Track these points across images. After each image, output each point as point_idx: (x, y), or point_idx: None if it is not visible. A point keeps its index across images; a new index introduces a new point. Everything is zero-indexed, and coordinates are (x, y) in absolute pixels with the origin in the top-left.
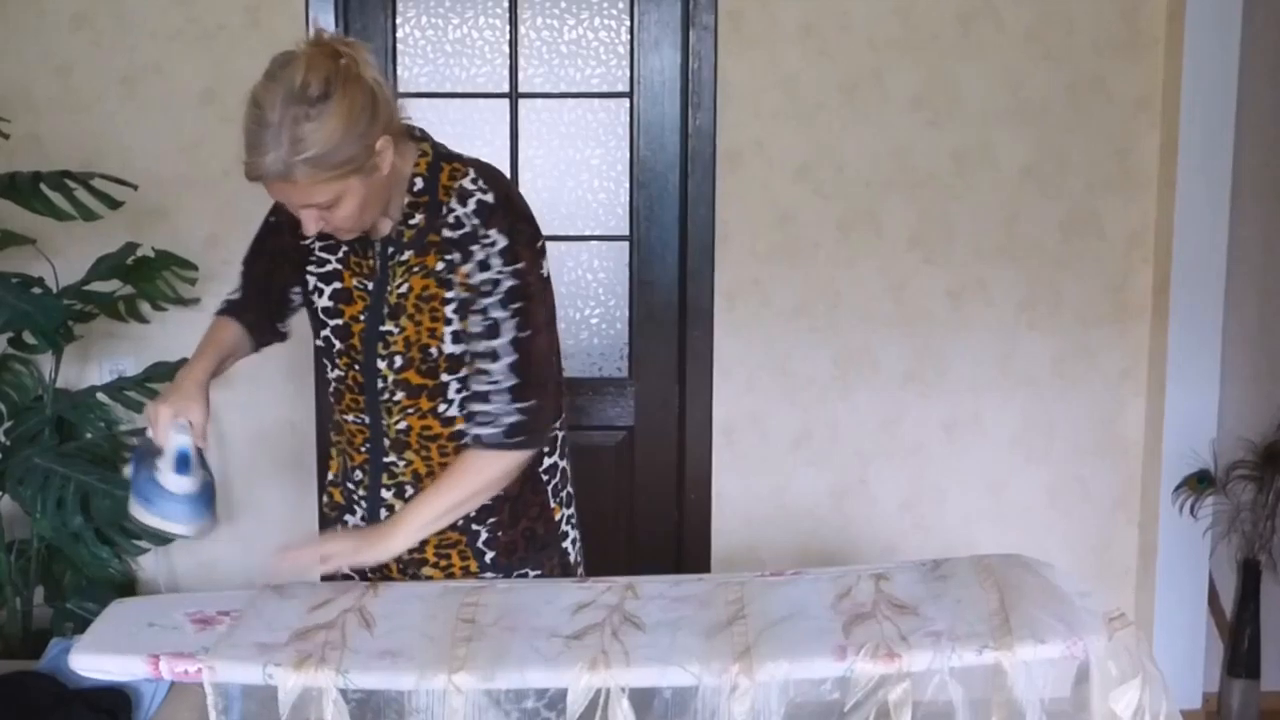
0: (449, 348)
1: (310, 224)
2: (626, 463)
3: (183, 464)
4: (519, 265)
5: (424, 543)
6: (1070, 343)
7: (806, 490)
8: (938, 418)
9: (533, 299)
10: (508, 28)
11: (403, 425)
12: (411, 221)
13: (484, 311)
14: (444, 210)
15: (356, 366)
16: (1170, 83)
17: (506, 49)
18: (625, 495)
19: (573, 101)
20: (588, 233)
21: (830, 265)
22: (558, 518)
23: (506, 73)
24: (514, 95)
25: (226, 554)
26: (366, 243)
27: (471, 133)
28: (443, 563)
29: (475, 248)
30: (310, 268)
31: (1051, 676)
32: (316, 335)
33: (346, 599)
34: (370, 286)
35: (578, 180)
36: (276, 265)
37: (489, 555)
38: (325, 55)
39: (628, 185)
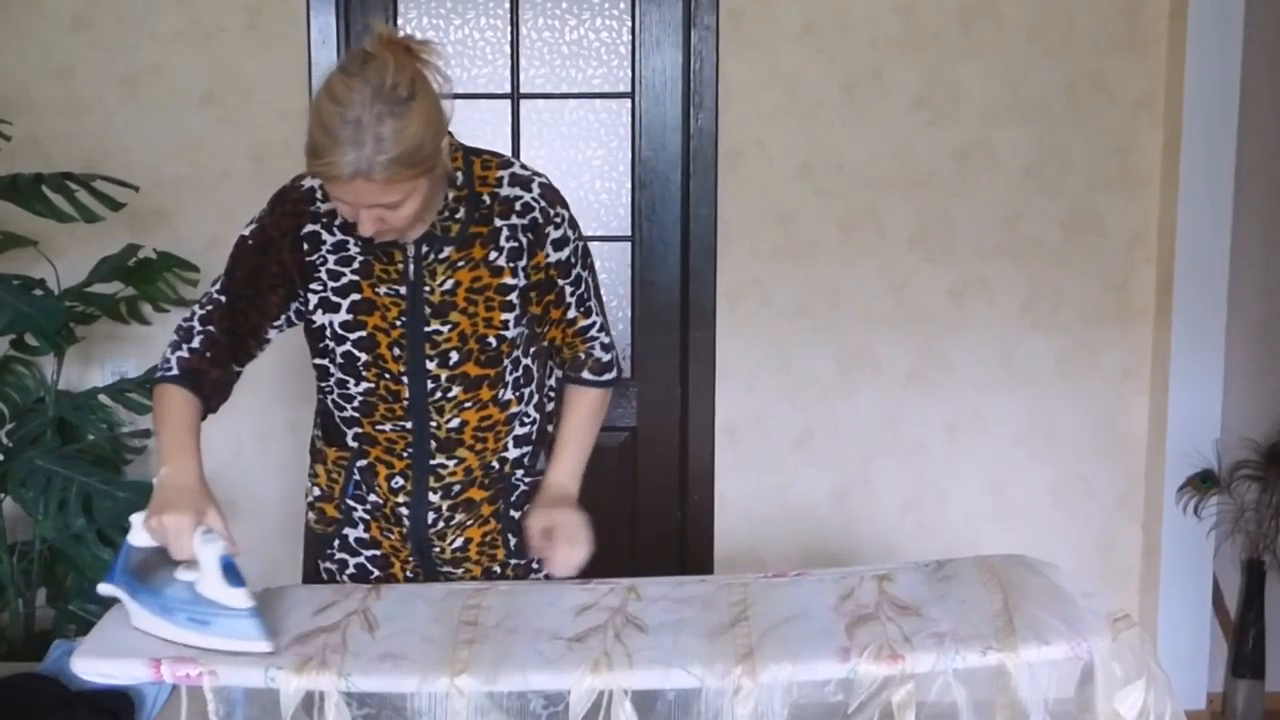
0: (510, 333)
1: (369, 225)
2: (629, 463)
3: (232, 574)
4: (578, 228)
5: (468, 539)
6: (1073, 341)
7: (808, 490)
8: (940, 417)
9: (590, 252)
10: (509, 28)
11: (456, 422)
12: (457, 216)
13: (579, 280)
14: (484, 201)
15: (389, 375)
16: (1172, 81)
17: (508, 50)
18: (628, 496)
19: (574, 102)
20: (589, 233)
21: (831, 265)
22: None
23: (508, 73)
24: (515, 96)
25: None
26: (392, 247)
27: (473, 134)
28: (484, 558)
29: (550, 229)
30: (314, 286)
31: (1055, 678)
32: (324, 355)
33: (350, 602)
34: (403, 290)
35: (579, 180)
36: (267, 294)
37: (513, 541)
38: (407, 55)
39: (629, 185)
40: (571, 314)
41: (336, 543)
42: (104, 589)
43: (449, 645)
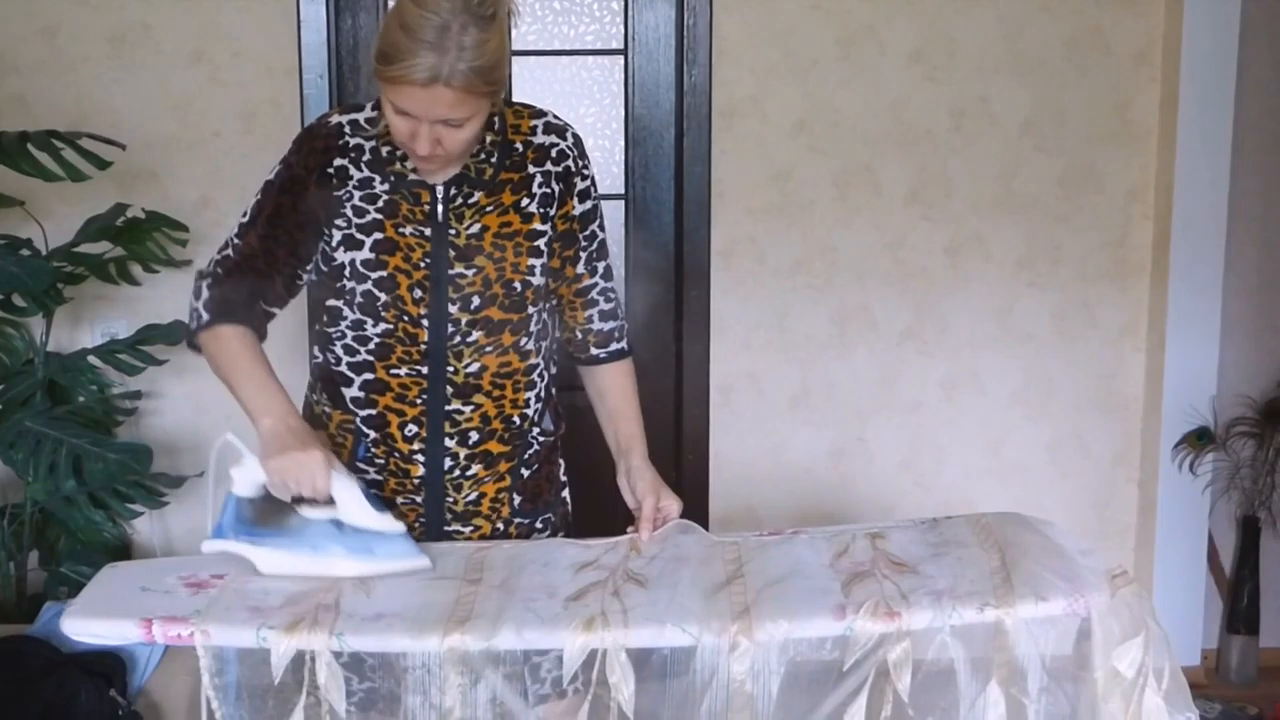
0: (537, 280)
1: (426, 144)
2: None
3: (376, 501)
4: (598, 191)
5: (482, 493)
6: (1070, 299)
7: (804, 449)
8: (936, 375)
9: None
10: None
11: (475, 367)
12: (491, 160)
13: (593, 236)
14: (516, 149)
15: (408, 317)
16: (1170, 36)
17: None
18: None
19: (566, 59)
20: None
21: (827, 222)
22: (561, 466)
23: None
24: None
25: None
26: (419, 187)
27: None
28: (493, 515)
29: (577, 180)
30: (338, 222)
31: (1053, 635)
32: (340, 296)
33: None
34: (428, 232)
35: None
36: (295, 233)
37: (518, 500)
38: None
39: (622, 143)
40: (579, 269)
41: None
42: (215, 546)
43: (444, 604)
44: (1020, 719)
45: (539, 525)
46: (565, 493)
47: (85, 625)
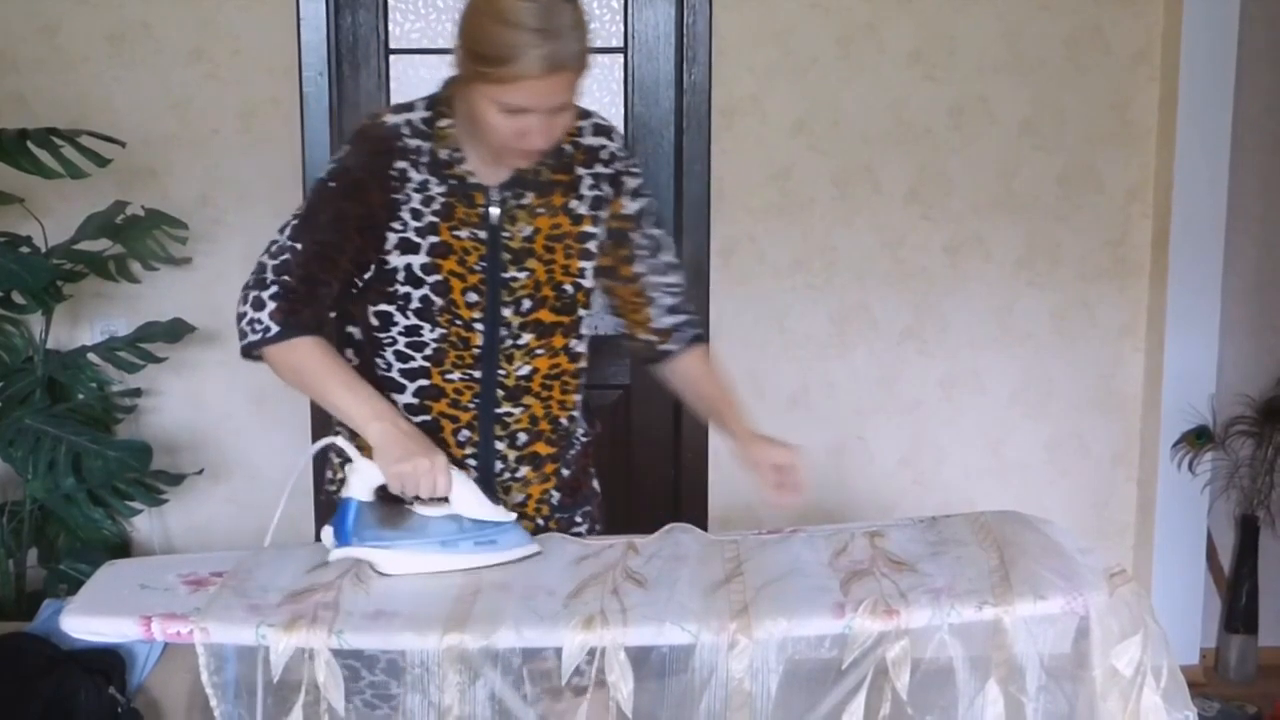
0: (587, 282)
1: (543, 136)
2: (623, 421)
3: (488, 492)
4: (649, 187)
5: (528, 495)
6: (1069, 298)
7: (804, 448)
8: (936, 374)
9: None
10: None
11: (525, 370)
12: (543, 161)
13: (647, 235)
14: (564, 150)
15: (460, 321)
16: (1170, 35)
17: None
18: (621, 454)
19: None
20: None
21: (827, 221)
22: (592, 463)
23: None
24: None
25: (220, 515)
26: (472, 189)
27: None
28: (536, 514)
29: (627, 178)
30: (395, 225)
31: (1051, 633)
32: (392, 301)
33: (346, 560)
34: (483, 235)
35: None
36: (354, 237)
37: (558, 497)
38: None
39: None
40: (636, 268)
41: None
42: (343, 553)
43: (444, 602)
44: (1019, 717)
45: (578, 519)
46: (596, 483)
47: (85, 623)
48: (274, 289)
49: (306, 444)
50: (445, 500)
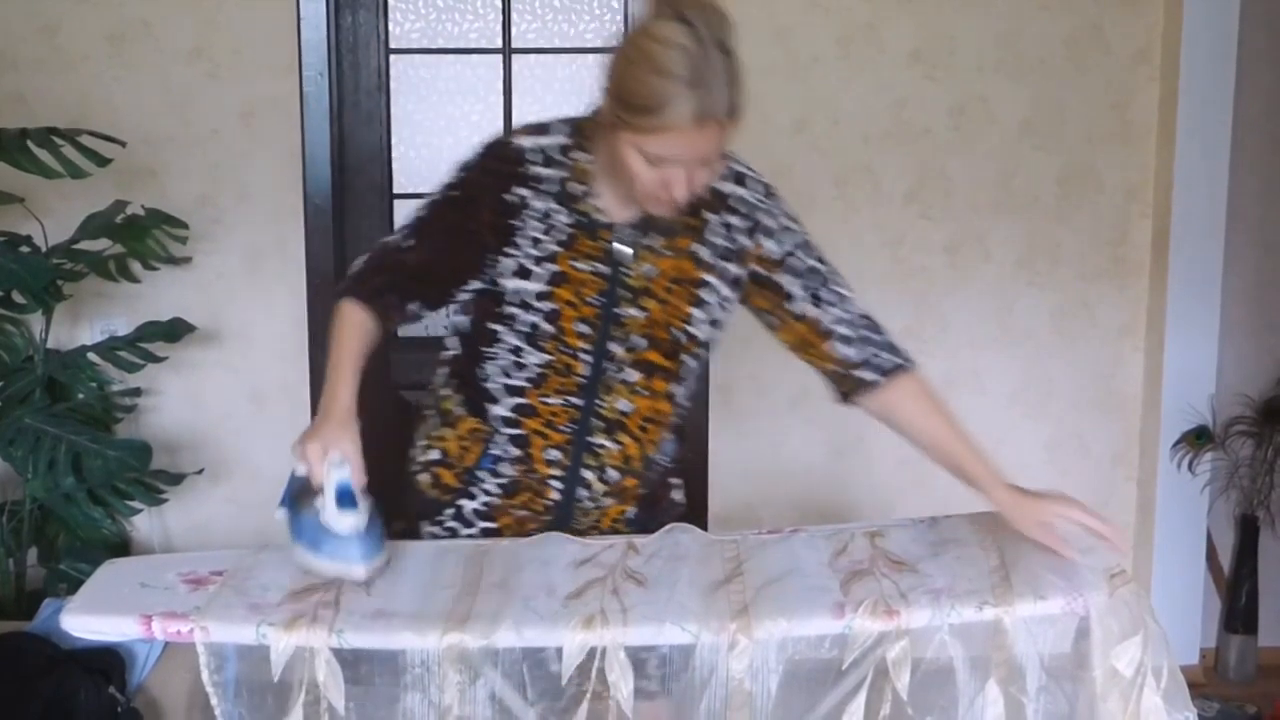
0: (696, 330)
1: (685, 188)
2: None
3: (346, 500)
4: (799, 221)
5: (604, 517)
6: (1069, 298)
7: (804, 448)
8: (935, 374)
9: (816, 245)
10: None
11: (626, 406)
12: None
13: (804, 273)
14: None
15: (567, 350)
16: (1170, 34)
17: (499, 4)
18: None
19: (567, 57)
20: None
21: (826, 221)
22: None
23: (499, 28)
24: (507, 51)
25: (219, 514)
26: (599, 225)
27: (465, 89)
28: (610, 531)
29: (765, 219)
30: (509, 250)
31: (1052, 633)
32: (502, 321)
33: None
34: (604, 270)
35: None
36: (464, 245)
37: (634, 512)
38: (721, 6)
39: None
40: (801, 308)
41: (449, 511)
42: (277, 514)
43: (445, 602)
44: (1019, 718)
45: (651, 529)
46: (677, 494)
47: (84, 622)
48: (368, 257)
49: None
50: (352, 505)
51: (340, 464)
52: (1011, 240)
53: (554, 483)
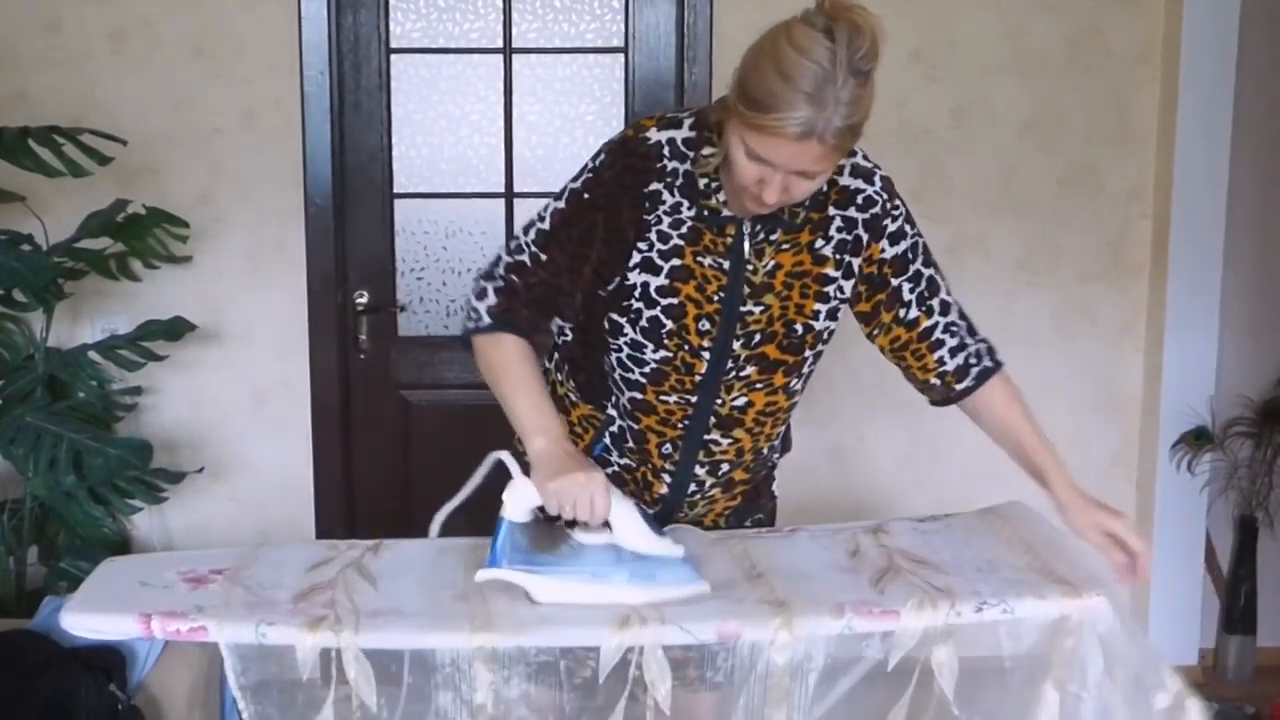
0: (819, 324)
1: (776, 193)
2: None
3: (654, 524)
4: (915, 224)
5: (710, 510)
6: (1069, 298)
7: (804, 449)
8: None
9: (929, 250)
10: None
11: (741, 401)
12: (803, 200)
13: (916, 277)
14: (820, 189)
15: (688, 347)
16: (1170, 36)
17: (500, 3)
18: None
19: (567, 57)
20: None
21: None
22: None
23: (500, 28)
24: (508, 50)
25: (220, 513)
26: (723, 218)
27: (465, 89)
28: (714, 526)
29: (888, 221)
30: (640, 245)
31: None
32: (624, 314)
33: (346, 556)
34: (727, 265)
35: (572, 136)
36: (607, 248)
37: (735, 506)
38: (873, 30)
39: None
40: (912, 314)
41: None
42: (489, 575)
43: (462, 602)
44: (1075, 713)
45: (747, 524)
46: (774, 487)
47: (84, 620)
48: (499, 283)
49: (307, 443)
50: (607, 527)
51: (620, 494)
52: (1011, 240)
53: (665, 476)
